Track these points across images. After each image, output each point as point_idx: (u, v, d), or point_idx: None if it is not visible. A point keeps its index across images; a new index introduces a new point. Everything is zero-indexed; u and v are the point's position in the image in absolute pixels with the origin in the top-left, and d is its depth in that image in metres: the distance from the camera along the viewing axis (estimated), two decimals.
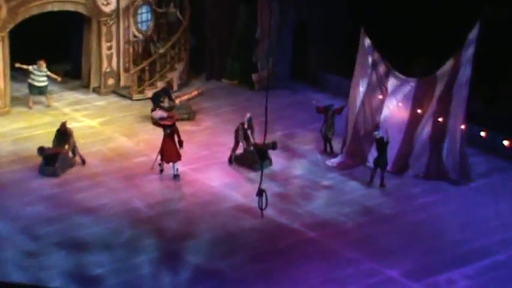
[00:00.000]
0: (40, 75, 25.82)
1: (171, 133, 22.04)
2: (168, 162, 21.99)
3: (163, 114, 23.57)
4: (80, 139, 23.39)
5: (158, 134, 24.68)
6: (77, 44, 27.71)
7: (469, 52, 21.18)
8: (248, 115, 22.77)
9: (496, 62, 24.78)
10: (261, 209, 19.38)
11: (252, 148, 22.57)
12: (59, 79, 26.30)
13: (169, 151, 21.92)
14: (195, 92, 26.37)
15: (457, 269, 18.29)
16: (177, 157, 21.95)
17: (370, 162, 22.17)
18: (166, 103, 25.48)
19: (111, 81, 27.38)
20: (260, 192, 19.32)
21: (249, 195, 20.89)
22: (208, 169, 22.65)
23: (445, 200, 21.23)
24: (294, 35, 28.25)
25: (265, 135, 18.58)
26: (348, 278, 17.93)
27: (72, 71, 28.21)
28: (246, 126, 22.79)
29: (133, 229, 19.64)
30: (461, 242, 19.35)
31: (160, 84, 27.00)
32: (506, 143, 23.10)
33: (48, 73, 25.87)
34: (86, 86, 27.50)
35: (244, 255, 18.71)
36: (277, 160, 22.95)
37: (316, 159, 23.40)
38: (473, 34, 21.02)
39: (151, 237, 19.31)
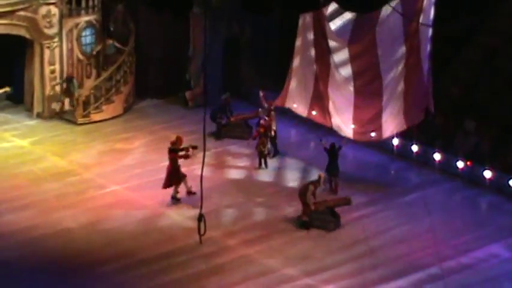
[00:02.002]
0: None
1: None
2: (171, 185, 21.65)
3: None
4: (9, 159, 22.97)
5: (89, 153, 24.48)
6: (20, 68, 27.17)
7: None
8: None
9: None
10: (200, 235, 19.22)
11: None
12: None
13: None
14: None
15: (390, 282, 18.41)
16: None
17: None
18: (223, 119, 25.25)
19: (54, 105, 26.81)
20: (199, 218, 19.16)
21: (184, 214, 20.76)
22: (142, 187, 22.44)
23: (379, 214, 21.32)
24: (225, 51, 28.24)
25: (204, 151, 18.48)
26: None
27: (15, 95, 27.62)
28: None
29: (65, 250, 19.32)
30: (396, 256, 19.47)
31: (105, 108, 26.62)
32: (437, 156, 23.42)
33: None
34: (29, 110, 26.90)
35: (180, 275, 18.55)
36: (211, 177, 22.84)
37: (251, 175, 23.43)
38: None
39: (81, 258, 19.08)
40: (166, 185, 21.55)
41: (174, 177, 21.50)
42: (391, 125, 22.07)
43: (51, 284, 18.10)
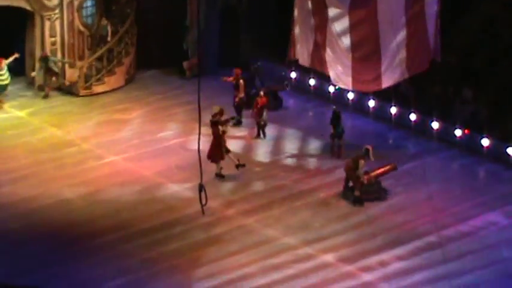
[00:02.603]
0: (3, 73, 25.11)
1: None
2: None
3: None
4: (7, 131, 22.94)
5: (87, 124, 24.47)
6: (21, 40, 26.89)
7: None
8: None
9: None
10: (202, 205, 19.23)
11: None
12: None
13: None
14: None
15: (389, 251, 18.47)
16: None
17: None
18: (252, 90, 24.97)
19: (55, 78, 26.55)
20: (200, 188, 19.15)
21: (182, 183, 20.75)
22: (140, 158, 22.44)
23: (376, 184, 21.30)
24: (223, 21, 28.12)
25: (199, 122, 18.44)
26: (284, 264, 17.97)
27: (17, 67, 27.44)
28: None
29: (65, 220, 19.35)
30: (394, 225, 19.53)
31: (107, 80, 26.42)
32: (435, 125, 23.42)
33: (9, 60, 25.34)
34: (31, 83, 26.66)
35: (179, 245, 18.60)
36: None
37: (249, 145, 23.44)
38: None
39: (81, 228, 19.09)
40: (210, 158, 21.04)
41: (217, 152, 21.13)
42: (391, 74, 21.60)
43: (51, 254, 18.14)
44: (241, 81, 24.24)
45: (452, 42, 25.68)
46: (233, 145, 23.39)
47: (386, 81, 21.66)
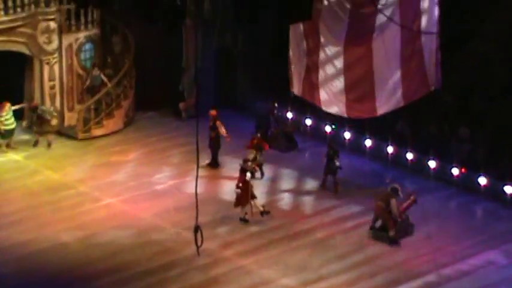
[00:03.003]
0: (9, 117, 25.02)
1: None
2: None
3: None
4: (3, 174, 22.89)
5: (84, 167, 24.43)
6: (20, 84, 26.86)
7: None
8: None
9: None
10: (197, 246, 19.15)
11: None
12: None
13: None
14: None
15: None
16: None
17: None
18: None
19: (54, 121, 26.35)
20: (196, 229, 19.07)
21: (178, 225, 20.69)
22: (137, 200, 22.39)
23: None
24: (219, 62, 28.24)
25: (197, 163, 18.43)
26: None
27: (15, 111, 27.39)
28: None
29: (61, 264, 19.24)
30: (393, 265, 19.46)
31: (105, 124, 26.46)
32: (432, 164, 23.43)
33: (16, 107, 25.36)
34: (29, 127, 26.54)
35: (176, 287, 18.52)
36: (205, 189, 22.79)
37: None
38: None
39: (78, 271, 18.99)
40: (236, 204, 21.24)
41: (243, 196, 21.13)
42: (386, 105, 21.46)
43: None
44: (217, 122, 24.12)
45: (448, 81, 25.79)
46: (231, 185, 23.40)
47: (382, 110, 21.54)
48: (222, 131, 24.18)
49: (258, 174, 23.56)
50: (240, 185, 21.16)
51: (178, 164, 24.25)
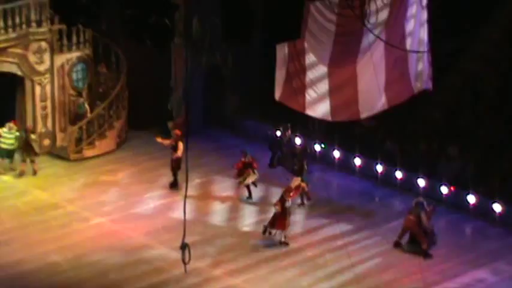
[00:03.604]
0: (9, 137, 24.86)
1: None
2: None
3: None
4: None
5: (73, 186, 24.37)
6: (11, 105, 26.71)
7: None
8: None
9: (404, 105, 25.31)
10: (185, 264, 19.13)
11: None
12: None
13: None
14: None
15: None
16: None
17: None
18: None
19: (47, 142, 26.50)
20: (183, 246, 19.07)
21: (169, 244, 20.67)
22: (126, 219, 22.37)
23: (364, 241, 21.29)
24: (208, 81, 28.30)
25: (186, 182, 18.44)
26: None
27: None
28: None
29: (51, 284, 19.19)
30: (382, 283, 19.50)
31: (97, 144, 26.44)
32: (421, 182, 23.49)
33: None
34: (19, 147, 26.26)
35: None
36: (195, 208, 22.82)
37: (236, 205, 23.43)
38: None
39: None
40: (273, 226, 21.17)
41: (281, 221, 21.04)
42: (370, 105, 21.26)
43: None
44: (179, 142, 24.05)
45: (436, 99, 25.92)
46: (220, 204, 23.43)
47: (365, 113, 21.30)
48: (179, 152, 23.86)
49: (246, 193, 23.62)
50: (278, 207, 21.05)
51: (168, 183, 24.23)
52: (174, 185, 24.13)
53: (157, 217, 22.60)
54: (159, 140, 24.51)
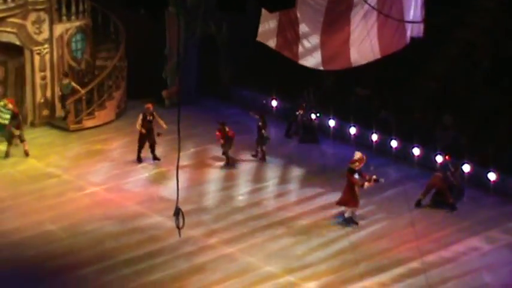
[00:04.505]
0: (5, 112, 24.50)
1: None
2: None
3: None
4: None
5: (68, 155, 24.34)
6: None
7: None
8: None
9: (399, 74, 25.32)
10: (179, 228, 19.15)
11: None
12: None
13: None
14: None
15: (372, 278, 18.45)
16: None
17: None
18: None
19: (45, 112, 26.36)
20: (177, 212, 19.09)
21: (163, 213, 20.69)
22: (121, 188, 22.37)
23: (360, 210, 21.25)
24: (202, 50, 28.18)
25: (178, 151, 18.39)
26: None
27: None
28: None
29: (46, 252, 19.22)
30: (377, 252, 19.53)
31: (97, 115, 26.29)
32: (416, 151, 23.50)
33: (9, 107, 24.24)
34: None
35: (161, 275, 18.50)
36: (189, 177, 22.83)
37: (231, 174, 23.43)
38: None
39: (62, 260, 18.97)
40: (341, 203, 20.81)
41: (350, 198, 20.66)
42: (363, 54, 21.02)
43: (33, 287, 17.98)
44: (154, 113, 23.88)
45: (432, 69, 25.89)
46: (215, 174, 23.43)
47: (357, 62, 20.98)
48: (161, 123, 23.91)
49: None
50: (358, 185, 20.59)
51: (162, 152, 24.22)
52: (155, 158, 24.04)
53: (152, 186, 22.62)
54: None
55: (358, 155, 20.94)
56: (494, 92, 24.28)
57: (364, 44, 19.92)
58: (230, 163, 23.69)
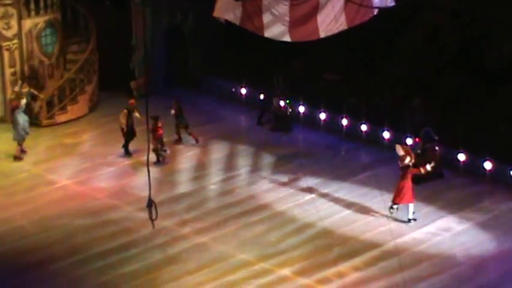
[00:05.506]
0: None
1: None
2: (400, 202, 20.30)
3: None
4: None
5: (37, 150, 24.16)
6: None
7: None
8: None
9: (368, 59, 25.40)
10: (152, 220, 19.11)
11: None
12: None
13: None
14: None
15: (345, 262, 18.52)
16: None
17: None
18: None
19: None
20: (149, 203, 19.03)
21: (136, 205, 20.62)
22: (92, 181, 22.26)
23: (332, 195, 21.38)
24: (169, 40, 28.06)
25: (148, 142, 18.31)
26: (242, 280, 17.93)
27: None
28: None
29: (18, 248, 19.11)
30: (350, 236, 19.60)
31: (70, 109, 26.03)
32: (386, 135, 23.59)
33: None
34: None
35: (135, 267, 18.45)
36: (161, 168, 22.79)
37: (202, 163, 23.40)
38: None
39: (35, 255, 18.86)
40: (395, 200, 20.24)
41: (403, 194, 20.16)
42: (330, 24, 20.82)
43: (2, 283, 17.84)
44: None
45: (399, 52, 25.96)
46: (187, 163, 23.37)
47: (324, 33, 20.76)
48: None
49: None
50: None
51: (133, 143, 24.10)
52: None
53: (124, 178, 22.53)
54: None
55: (401, 150, 20.28)
56: (461, 73, 24.42)
57: (330, 15, 19.81)
58: (161, 160, 23.28)
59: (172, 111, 24.22)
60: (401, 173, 20.14)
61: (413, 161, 20.18)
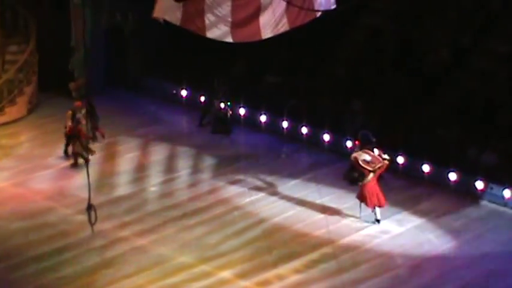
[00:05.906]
0: None
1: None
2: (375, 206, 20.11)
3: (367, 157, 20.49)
4: None
5: None
6: None
7: None
8: None
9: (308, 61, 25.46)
10: (91, 224, 18.89)
11: None
12: None
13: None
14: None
15: (285, 264, 18.50)
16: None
17: None
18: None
19: None
20: (89, 207, 18.82)
21: (74, 207, 20.36)
22: (30, 183, 21.93)
23: (272, 197, 21.39)
24: (109, 41, 27.80)
25: (87, 145, 18.11)
26: (182, 283, 17.83)
27: None
28: None
29: None
30: (290, 238, 19.61)
31: (8, 111, 25.52)
32: (327, 137, 23.68)
33: None
34: None
35: (72, 270, 18.22)
36: (100, 169, 22.54)
37: (142, 165, 23.22)
38: None
39: None
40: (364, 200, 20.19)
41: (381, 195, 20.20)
42: (272, 25, 20.81)
43: None
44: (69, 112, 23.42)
45: (340, 55, 26.08)
46: (126, 165, 23.16)
47: (267, 34, 20.75)
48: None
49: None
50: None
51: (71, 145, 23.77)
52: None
53: (62, 180, 22.25)
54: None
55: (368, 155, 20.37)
56: (401, 75, 24.63)
57: (272, 17, 19.81)
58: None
59: (83, 111, 23.13)
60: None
61: (374, 166, 20.24)
